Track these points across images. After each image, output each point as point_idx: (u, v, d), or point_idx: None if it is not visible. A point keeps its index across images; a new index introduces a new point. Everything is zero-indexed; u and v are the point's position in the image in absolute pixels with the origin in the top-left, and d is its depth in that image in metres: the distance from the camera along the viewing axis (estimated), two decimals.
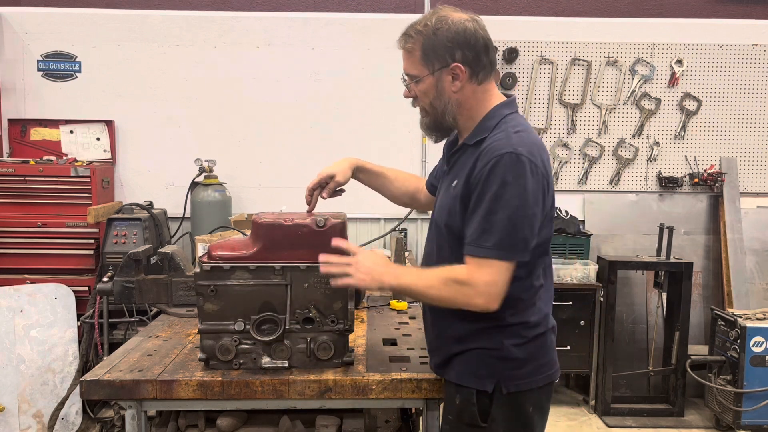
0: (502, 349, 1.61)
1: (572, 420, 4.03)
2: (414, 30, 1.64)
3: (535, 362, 1.64)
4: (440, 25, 1.60)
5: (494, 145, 1.54)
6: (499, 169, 1.50)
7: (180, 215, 4.20)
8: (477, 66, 1.62)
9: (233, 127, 4.40)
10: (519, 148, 1.51)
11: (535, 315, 1.65)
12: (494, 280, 1.52)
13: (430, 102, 1.67)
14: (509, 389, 1.61)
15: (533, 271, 1.64)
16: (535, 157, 1.53)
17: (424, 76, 1.64)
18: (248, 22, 4.34)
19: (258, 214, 1.83)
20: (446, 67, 1.61)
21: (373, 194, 4.75)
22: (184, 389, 1.73)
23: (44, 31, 4.27)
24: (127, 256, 1.87)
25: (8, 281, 3.64)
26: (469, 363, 1.65)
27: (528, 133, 1.59)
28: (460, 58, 1.60)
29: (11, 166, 3.76)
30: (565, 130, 4.48)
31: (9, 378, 3.47)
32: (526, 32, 4.40)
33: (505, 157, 1.50)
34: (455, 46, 1.60)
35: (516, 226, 1.50)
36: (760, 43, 4.44)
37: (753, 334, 3.66)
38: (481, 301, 1.54)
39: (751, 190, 4.55)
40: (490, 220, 1.51)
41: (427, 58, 1.62)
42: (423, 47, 1.62)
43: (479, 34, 1.61)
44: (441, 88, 1.64)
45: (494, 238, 1.50)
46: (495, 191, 1.50)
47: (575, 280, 4.00)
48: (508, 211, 1.49)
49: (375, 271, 1.61)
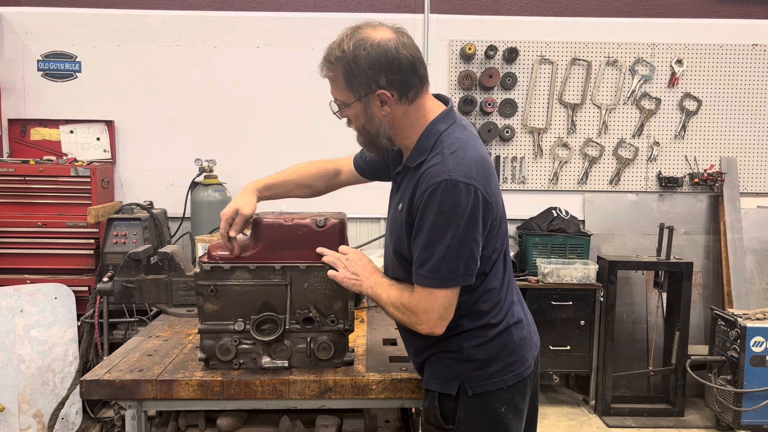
0: (462, 352, 1.62)
1: (572, 420, 4.03)
2: (333, 56, 1.55)
3: (500, 362, 1.63)
4: (358, 52, 1.51)
5: (430, 171, 1.51)
6: (435, 198, 1.47)
7: (180, 215, 4.20)
8: (404, 87, 1.55)
9: (233, 127, 4.41)
10: (454, 174, 1.47)
11: (495, 317, 1.64)
12: (432, 307, 1.54)
13: (362, 125, 1.62)
14: (475, 390, 1.61)
15: (491, 279, 1.64)
16: (472, 179, 1.48)
17: (351, 103, 1.58)
18: (248, 22, 4.34)
19: (258, 214, 1.83)
20: (372, 93, 1.55)
21: (373, 194, 4.77)
22: (184, 389, 1.73)
23: (44, 31, 4.27)
24: (127, 256, 1.87)
25: (8, 281, 3.64)
26: (434, 367, 1.67)
27: (464, 152, 1.52)
28: (384, 83, 1.53)
29: (11, 166, 3.76)
30: (565, 130, 4.48)
31: (9, 378, 3.47)
32: (526, 32, 4.40)
33: (441, 186, 1.47)
34: (377, 72, 1.52)
35: (454, 254, 1.49)
36: (760, 43, 4.44)
37: (753, 334, 3.66)
38: (423, 327, 1.58)
39: (751, 190, 4.55)
40: (429, 249, 1.51)
41: (351, 86, 1.56)
42: (345, 75, 1.55)
43: (402, 54, 1.52)
44: (370, 114, 1.58)
45: (433, 268, 1.51)
46: (432, 221, 1.49)
47: (575, 280, 4.00)
48: (445, 240, 1.48)
49: (362, 275, 1.70)
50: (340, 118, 1.68)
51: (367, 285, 1.69)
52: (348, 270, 1.71)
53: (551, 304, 4.00)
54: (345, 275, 1.71)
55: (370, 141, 1.65)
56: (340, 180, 2.12)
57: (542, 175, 4.50)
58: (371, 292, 1.68)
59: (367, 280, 1.69)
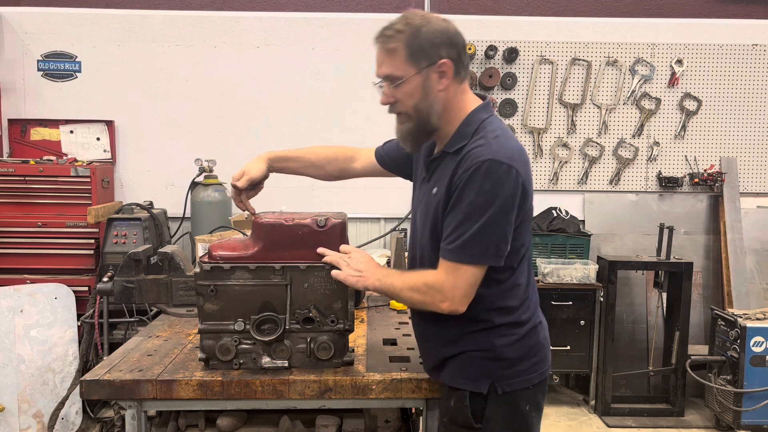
0: (494, 350, 1.63)
1: (572, 420, 4.03)
2: (394, 30, 1.60)
3: (528, 361, 1.66)
4: (423, 24, 1.58)
5: (474, 151, 1.55)
6: (478, 176, 1.51)
7: (180, 215, 4.20)
8: (460, 64, 1.61)
9: (233, 127, 4.40)
10: (498, 155, 1.51)
11: (524, 314, 1.67)
12: (458, 284, 1.55)
13: (414, 104, 1.62)
14: (504, 389, 1.63)
15: (519, 275, 1.66)
16: (515, 163, 1.53)
17: (409, 76, 1.59)
18: (248, 22, 4.34)
19: (258, 214, 1.83)
20: (433, 65, 1.58)
21: (373, 194, 4.77)
22: (184, 389, 1.73)
23: (44, 31, 4.27)
24: (127, 256, 1.86)
25: (8, 281, 3.64)
26: (462, 365, 1.66)
27: (507, 139, 1.59)
28: (446, 54, 1.58)
29: (11, 166, 3.76)
30: (565, 130, 4.48)
31: (9, 378, 3.47)
32: (526, 32, 4.39)
33: (485, 165, 1.50)
34: (441, 43, 1.58)
35: (488, 232, 1.52)
36: (760, 43, 4.44)
37: (753, 334, 3.66)
38: (446, 305, 1.57)
39: (751, 190, 4.55)
40: (464, 225, 1.53)
41: (414, 57, 1.57)
42: (408, 45, 1.57)
43: (459, 33, 1.62)
44: (428, 87, 1.60)
45: (465, 243, 1.53)
46: (471, 198, 1.51)
47: (575, 280, 4.00)
48: (482, 218, 1.51)
49: (364, 270, 1.69)
50: (386, 102, 1.66)
51: (373, 279, 1.67)
52: (351, 267, 1.70)
53: (551, 304, 4.00)
54: (348, 273, 1.69)
55: (419, 123, 1.64)
56: (354, 168, 2.13)
57: (542, 175, 4.50)
58: (379, 285, 1.67)
59: (372, 275, 1.68)
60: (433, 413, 1.82)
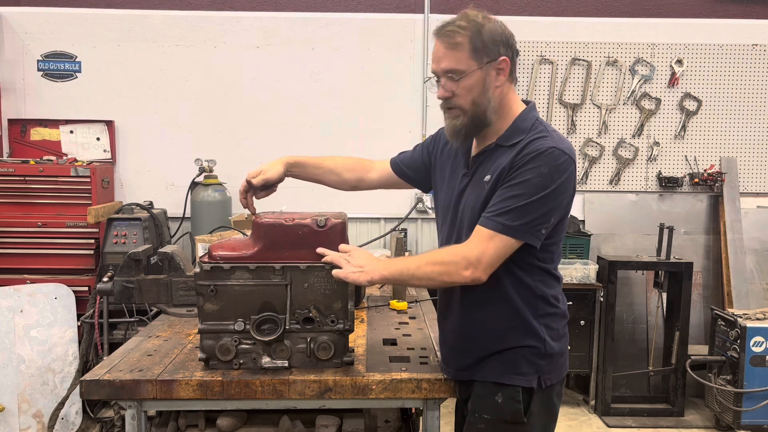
0: (545, 346, 1.68)
1: (572, 420, 4.03)
2: (458, 25, 1.64)
3: (564, 356, 1.76)
4: (485, 22, 1.65)
5: (537, 141, 1.61)
6: (540, 160, 1.57)
7: (180, 215, 4.20)
8: (514, 65, 1.70)
9: (233, 127, 4.40)
10: (561, 146, 1.60)
11: (563, 305, 1.75)
12: (486, 250, 1.58)
13: (473, 99, 1.65)
14: (546, 383, 1.70)
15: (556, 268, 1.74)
16: (573, 155, 1.62)
17: (472, 71, 1.63)
18: (248, 22, 4.34)
19: (258, 214, 1.83)
20: (494, 61, 1.64)
21: (373, 194, 4.74)
22: (184, 389, 1.73)
23: (44, 31, 4.27)
24: (127, 256, 1.86)
25: (8, 281, 3.64)
26: (512, 361, 1.68)
27: (560, 136, 1.67)
28: (505, 53, 1.65)
29: (11, 166, 3.76)
30: (565, 130, 4.48)
31: (9, 378, 3.47)
32: (526, 32, 4.39)
33: (548, 151, 1.58)
34: (501, 42, 1.65)
35: (535, 210, 1.56)
36: (760, 43, 4.44)
37: (753, 334, 3.66)
38: (469, 272, 1.59)
39: (751, 190, 4.55)
40: (513, 199, 1.57)
41: (477, 52, 1.63)
42: (472, 41, 1.63)
43: (513, 36, 1.70)
44: (487, 83, 1.64)
45: (508, 214, 1.57)
46: (529, 178, 1.57)
47: (575, 280, 4.00)
48: (533, 196, 1.56)
49: (366, 265, 1.68)
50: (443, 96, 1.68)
51: (379, 269, 1.67)
52: (352, 265, 1.69)
53: None
54: (350, 270, 1.67)
55: (474, 118, 1.67)
56: (371, 178, 2.13)
57: None
58: (387, 274, 1.66)
59: (376, 267, 1.67)
60: (433, 413, 1.82)
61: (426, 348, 2.03)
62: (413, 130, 4.44)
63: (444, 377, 1.78)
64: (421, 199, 4.36)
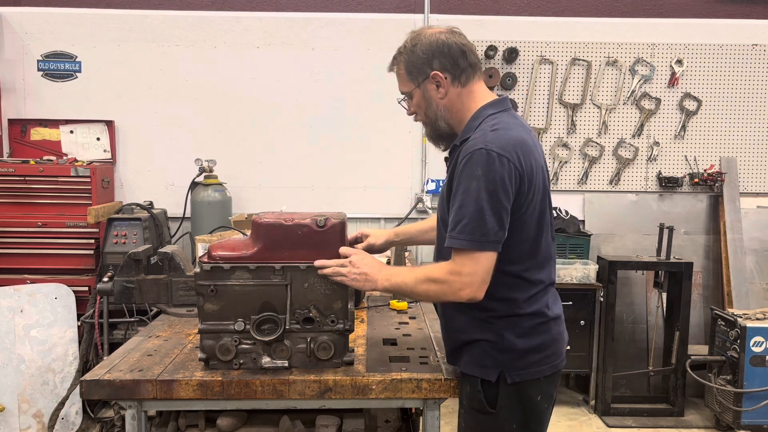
0: (503, 341, 1.69)
1: (572, 420, 4.03)
2: (397, 53, 1.80)
3: (539, 353, 1.72)
4: (416, 42, 1.74)
5: (469, 143, 1.64)
6: (470, 164, 1.59)
7: (180, 215, 4.20)
8: (456, 70, 1.73)
9: (233, 127, 4.41)
10: (490, 144, 1.59)
11: (529, 307, 1.71)
12: (476, 270, 1.60)
13: (424, 112, 1.80)
14: (513, 379, 1.69)
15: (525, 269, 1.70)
16: (507, 153, 1.59)
17: (412, 90, 1.78)
18: (248, 22, 4.34)
19: (258, 214, 1.82)
20: (427, 78, 1.74)
21: (373, 194, 4.77)
22: (184, 389, 1.73)
23: (44, 31, 4.27)
24: (127, 256, 1.86)
25: (8, 281, 3.64)
26: (475, 354, 1.73)
27: (506, 131, 1.64)
28: (438, 66, 1.73)
29: (11, 166, 3.76)
30: (565, 130, 4.48)
31: (9, 378, 3.47)
32: (526, 32, 4.40)
33: (476, 153, 1.59)
34: (431, 57, 1.73)
35: (485, 218, 1.57)
36: (760, 43, 4.44)
37: (753, 334, 3.66)
38: (467, 292, 1.61)
39: (751, 190, 4.55)
40: (462, 211, 1.60)
41: (411, 74, 1.76)
42: (406, 66, 1.77)
43: (452, 41, 1.73)
44: (429, 98, 1.77)
45: (467, 229, 1.58)
46: (466, 185, 1.60)
47: (575, 280, 4.00)
48: (477, 203, 1.57)
49: (370, 273, 1.73)
50: (409, 114, 1.86)
51: (382, 278, 1.72)
52: (354, 273, 1.73)
53: None
54: (353, 278, 1.73)
55: (433, 128, 1.82)
56: None
57: None
58: (388, 285, 1.72)
59: (378, 274, 1.72)
60: (433, 413, 1.82)
61: (426, 348, 2.03)
62: (413, 131, 4.44)
63: (444, 377, 1.78)
64: (421, 199, 4.36)
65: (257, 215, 1.82)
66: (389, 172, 4.47)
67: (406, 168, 4.47)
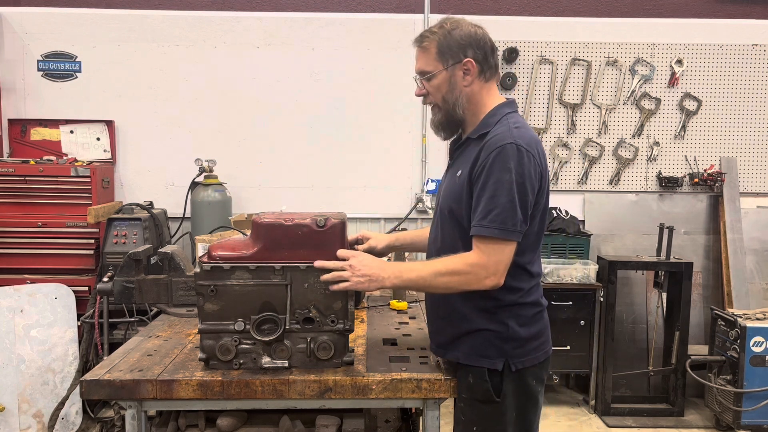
0: (507, 330, 1.75)
1: (572, 420, 4.03)
2: (429, 31, 1.82)
3: (536, 341, 1.80)
4: (454, 27, 1.79)
5: (497, 137, 1.70)
6: (502, 157, 1.65)
7: (180, 215, 4.20)
8: (485, 64, 1.80)
9: (233, 127, 4.41)
10: (519, 140, 1.67)
11: (530, 296, 1.80)
12: (500, 258, 1.66)
13: (443, 96, 1.81)
14: (516, 366, 1.76)
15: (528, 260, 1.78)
16: (533, 150, 1.69)
17: (438, 72, 1.79)
18: (248, 22, 4.34)
19: (258, 214, 1.82)
20: (459, 63, 1.78)
21: (373, 194, 4.77)
22: (184, 389, 1.73)
23: (44, 31, 4.27)
24: (127, 256, 1.86)
25: (8, 281, 3.64)
26: (478, 343, 1.77)
27: (526, 130, 1.74)
28: (471, 55, 1.78)
29: (11, 166, 3.76)
30: (565, 130, 4.48)
31: (9, 378, 3.47)
32: (526, 32, 4.40)
33: (507, 147, 1.65)
34: (468, 45, 1.78)
35: (515, 208, 1.64)
36: (760, 43, 4.44)
37: (753, 334, 3.66)
38: (490, 280, 1.67)
39: (751, 190, 4.55)
40: (494, 202, 1.65)
41: (442, 55, 1.79)
42: (438, 45, 1.79)
43: (487, 38, 1.82)
44: (453, 83, 1.79)
45: (499, 218, 1.64)
46: (498, 176, 1.65)
47: (575, 280, 4.00)
48: (510, 194, 1.64)
49: (373, 273, 1.72)
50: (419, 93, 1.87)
51: (389, 276, 1.72)
52: (356, 275, 1.72)
53: (551, 304, 3.94)
54: (356, 281, 1.71)
55: (447, 114, 1.83)
56: None
57: None
58: (399, 282, 1.72)
59: (383, 272, 1.72)
60: (433, 413, 1.82)
61: (426, 348, 2.03)
62: (413, 130, 4.44)
63: (444, 377, 1.78)
64: (420, 199, 4.36)
65: (257, 215, 1.82)
66: (389, 172, 4.47)
67: (406, 168, 4.47)
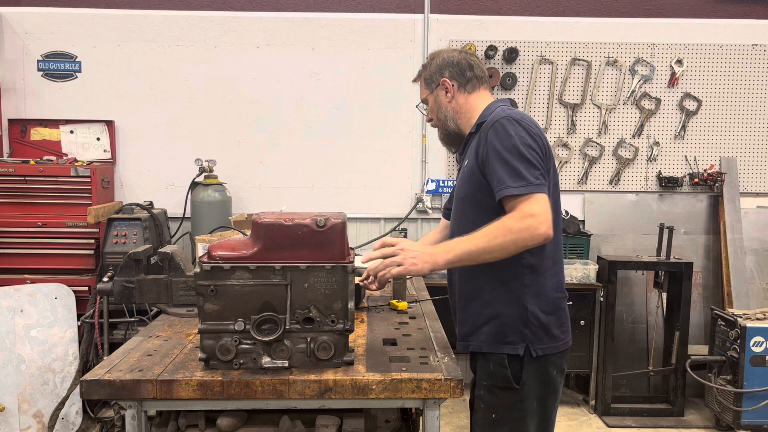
0: (527, 314, 1.83)
1: (572, 420, 4.03)
2: (421, 67, 2.15)
3: (557, 329, 1.88)
4: (434, 57, 2.09)
5: (492, 117, 1.87)
6: (497, 129, 1.81)
7: (180, 215, 4.21)
8: (462, 79, 2.04)
9: (233, 127, 4.41)
10: (513, 115, 1.84)
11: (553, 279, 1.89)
12: (543, 208, 1.72)
13: (436, 115, 2.09)
14: (537, 353, 1.83)
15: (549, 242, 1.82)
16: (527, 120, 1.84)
17: (427, 96, 2.11)
18: (248, 22, 4.35)
19: (258, 214, 1.82)
20: (438, 85, 2.06)
21: (372, 194, 4.77)
22: (184, 389, 1.73)
23: (44, 31, 4.28)
24: (127, 256, 1.86)
25: (8, 281, 3.64)
26: (498, 330, 1.85)
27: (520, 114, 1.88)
28: (447, 75, 2.05)
29: (11, 166, 3.76)
30: (565, 130, 4.48)
31: (9, 378, 3.47)
32: (526, 32, 4.40)
33: (501, 120, 1.83)
34: (443, 68, 2.06)
35: (532, 164, 1.76)
36: (760, 43, 4.44)
37: (753, 334, 3.66)
38: (543, 229, 1.70)
39: (751, 190, 4.55)
40: (509, 165, 1.76)
41: (428, 83, 2.10)
42: (424, 76, 2.12)
43: (461, 57, 2.05)
44: (439, 102, 2.07)
45: (522, 176, 1.74)
46: (501, 144, 1.79)
47: (575, 280, 4.00)
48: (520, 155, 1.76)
49: (423, 254, 1.75)
50: (427, 120, 2.18)
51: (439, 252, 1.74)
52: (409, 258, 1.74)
53: None
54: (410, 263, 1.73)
55: (443, 128, 2.09)
56: None
57: None
58: (452, 256, 1.73)
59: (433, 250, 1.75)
60: (433, 413, 1.82)
61: (426, 348, 2.03)
62: (413, 131, 4.44)
63: (444, 377, 1.78)
64: (421, 199, 4.36)
65: (257, 215, 1.82)
66: (389, 172, 4.47)
67: (406, 168, 4.47)
